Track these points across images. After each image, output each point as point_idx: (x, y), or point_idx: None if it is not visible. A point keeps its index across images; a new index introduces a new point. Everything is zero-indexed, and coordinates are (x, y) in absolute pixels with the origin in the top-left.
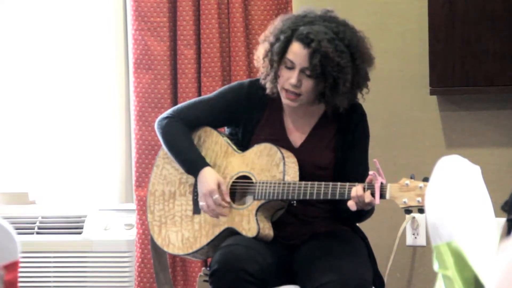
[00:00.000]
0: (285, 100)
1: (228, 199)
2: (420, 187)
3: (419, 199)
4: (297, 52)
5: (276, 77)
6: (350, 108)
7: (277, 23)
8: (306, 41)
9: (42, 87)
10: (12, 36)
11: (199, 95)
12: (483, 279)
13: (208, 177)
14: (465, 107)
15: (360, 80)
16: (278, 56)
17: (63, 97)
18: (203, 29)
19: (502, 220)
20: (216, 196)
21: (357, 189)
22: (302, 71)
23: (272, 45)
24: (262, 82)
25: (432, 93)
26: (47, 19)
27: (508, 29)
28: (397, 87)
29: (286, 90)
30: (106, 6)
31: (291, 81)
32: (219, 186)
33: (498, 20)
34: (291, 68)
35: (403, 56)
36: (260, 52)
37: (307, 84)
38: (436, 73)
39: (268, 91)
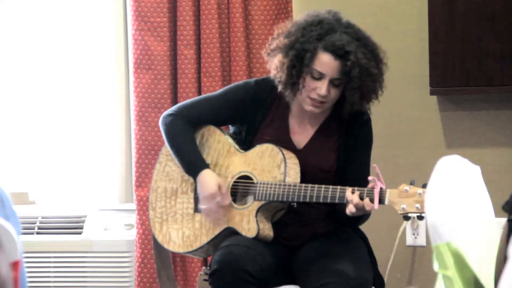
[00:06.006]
0: (309, 107)
1: (228, 201)
2: (419, 194)
3: (418, 205)
4: (326, 63)
5: (299, 87)
6: (356, 112)
7: (291, 31)
8: (337, 52)
9: (42, 87)
10: (12, 36)
11: (199, 95)
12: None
13: (208, 180)
14: (465, 107)
15: (382, 82)
16: (304, 68)
17: (63, 97)
18: (203, 29)
19: (503, 220)
20: (218, 199)
21: (347, 194)
22: (330, 81)
23: (294, 56)
24: (282, 91)
25: (432, 93)
26: (47, 19)
27: (508, 29)
28: (397, 87)
29: (312, 99)
30: (106, 6)
31: (321, 92)
32: (219, 188)
33: (498, 20)
34: (319, 78)
35: (403, 56)
36: (275, 63)
37: (334, 93)
38: (436, 73)
39: (287, 98)
